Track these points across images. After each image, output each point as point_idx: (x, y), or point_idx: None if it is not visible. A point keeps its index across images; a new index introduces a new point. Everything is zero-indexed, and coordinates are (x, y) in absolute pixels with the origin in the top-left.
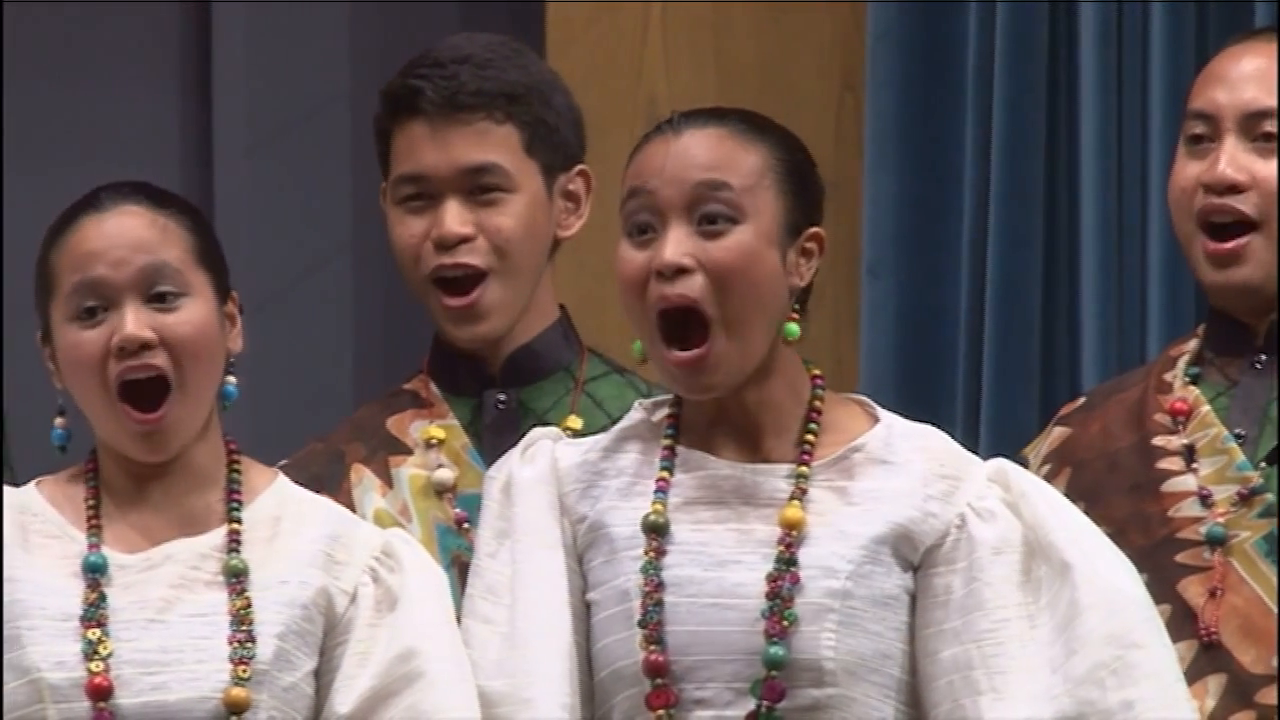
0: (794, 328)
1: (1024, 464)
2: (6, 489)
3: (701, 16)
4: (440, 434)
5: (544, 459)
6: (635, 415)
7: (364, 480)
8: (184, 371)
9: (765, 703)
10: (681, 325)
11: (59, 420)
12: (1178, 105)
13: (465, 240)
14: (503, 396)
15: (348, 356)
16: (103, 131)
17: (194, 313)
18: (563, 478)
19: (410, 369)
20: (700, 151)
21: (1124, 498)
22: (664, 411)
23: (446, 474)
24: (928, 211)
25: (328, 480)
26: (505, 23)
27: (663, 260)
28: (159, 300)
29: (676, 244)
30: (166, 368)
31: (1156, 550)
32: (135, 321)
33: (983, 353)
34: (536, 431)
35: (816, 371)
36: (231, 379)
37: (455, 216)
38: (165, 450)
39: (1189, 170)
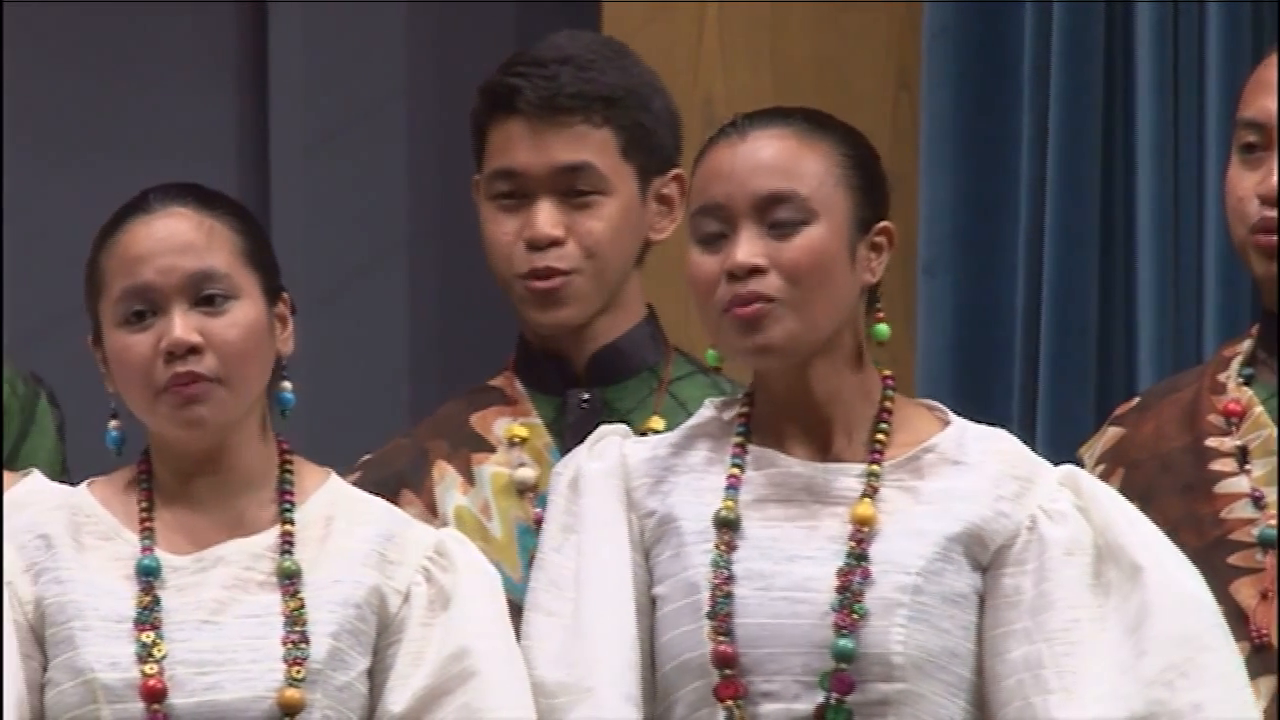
0: (884, 329)
1: (1079, 464)
2: (60, 487)
3: (758, 16)
4: (523, 432)
5: (612, 454)
6: (706, 413)
7: (446, 477)
8: (230, 371)
9: (834, 695)
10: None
11: (114, 422)
12: (1234, 104)
13: (556, 243)
14: (586, 395)
15: (403, 356)
16: (160, 132)
17: (241, 315)
18: (631, 472)
19: (466, 365)
20: (766, 157)
21: (1177, 499)
22: (735, 410)
23: (528, 473)
24: (984, 210)
25: (411, 476)
26: (561, 22)
27: (735, 261)
28: (207, 303)
29: (748, 245)
30: (213, 372)
31: (1209, 552)
32: (183, 326)
33: (1039, 351)
34: (605, 428)
35: (888, 373)
36: (287, 385)
37: (547, 218)
38: (203, 434)
39: (1244, 181)
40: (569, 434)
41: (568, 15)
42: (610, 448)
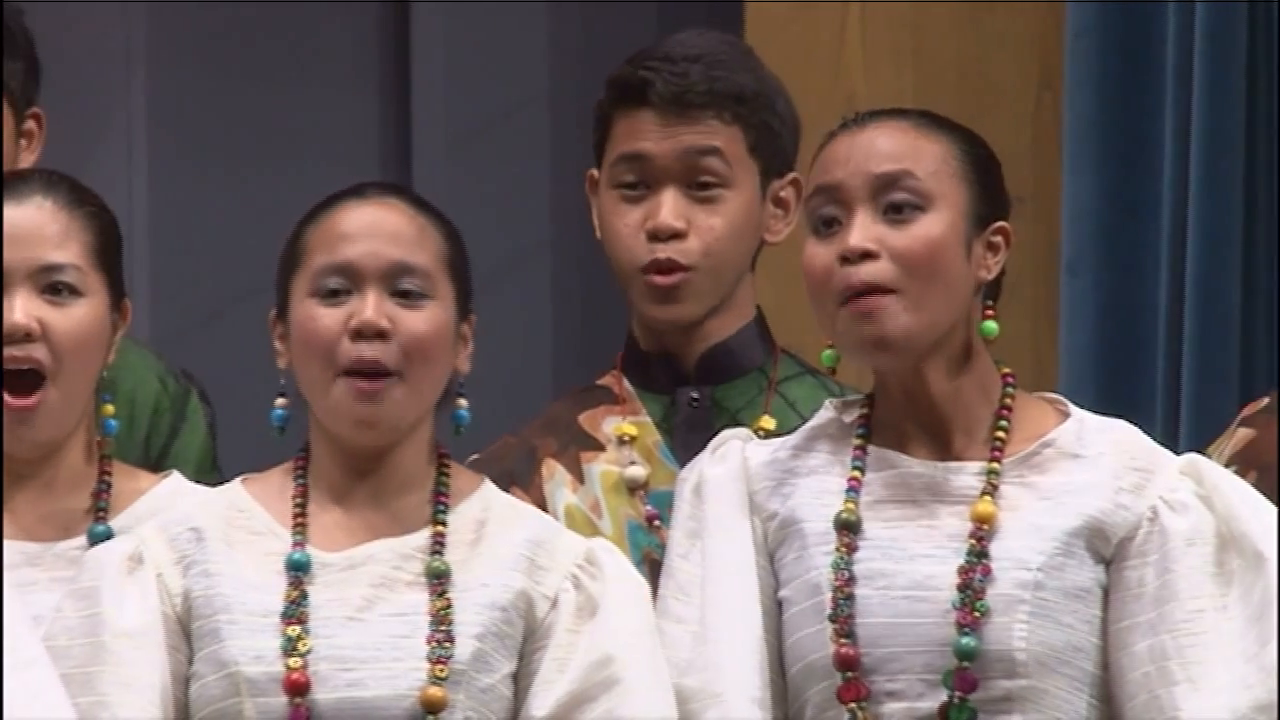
0: (992, 325)
1: None
2: (194, 486)
3: (900, 15)
4: (633, 430)
5: (734, 458)
6: (825, 414)
7: (555, 475)
8: (412, 366)
9: (957, 694)
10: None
11: (280, 400)
12: None
13: (677, 236)
14: (696, 394)
15: (546, 354)
16: (304, 131)
17: (433, 315)
18: (753, 476)
19: (608, 365)
20: (884, 142)
21: None
22: (855, 412)
23: (639, 471)
24: (1127, 209)
25: (519, 474)
26: (703, 21)
27: (848, 246)
28: (403, 296)
29: (862, 229)
30: (394, 363)
31: None
32: (376, 309)
33: (1182, 350)
34: (727, 432)
35: (1007, 370)
36: (463, 402)
37: (671, 209)
38: (378, 428)
39: None
40: (678, 432)
41: (710, 15)
42: (732, 452)
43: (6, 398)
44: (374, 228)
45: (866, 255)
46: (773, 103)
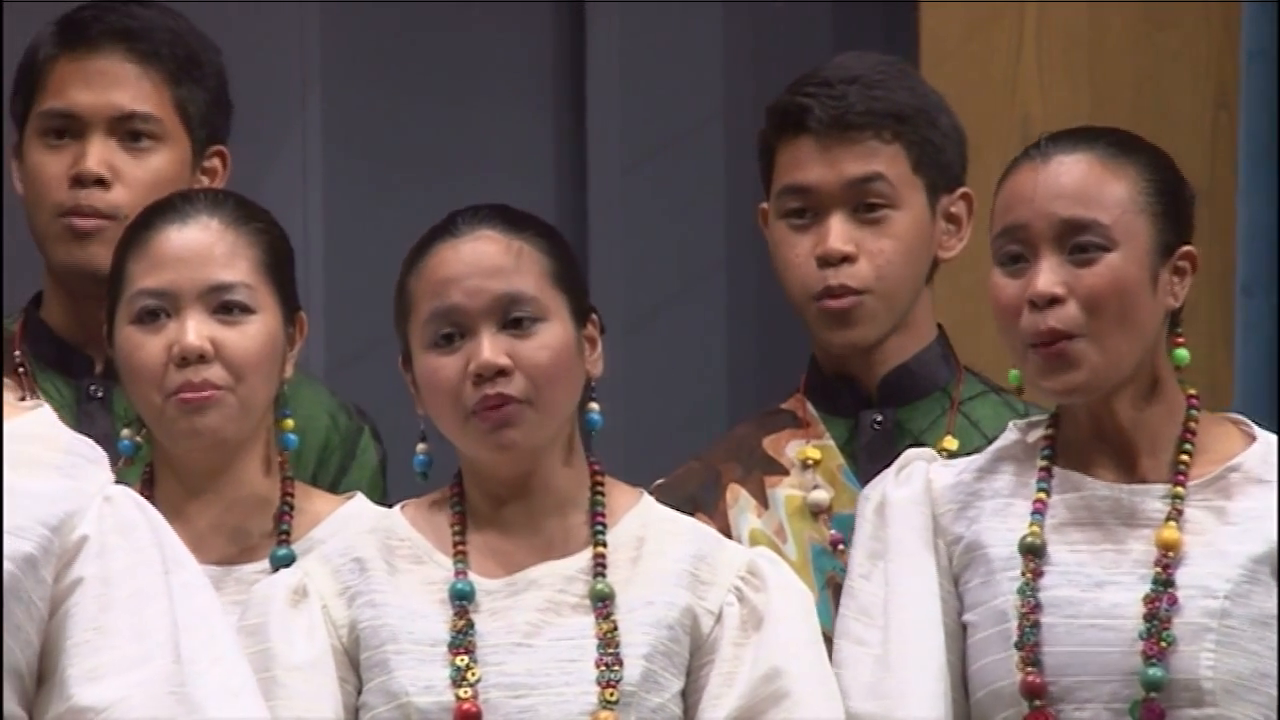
0: (1184, 354)
1: None
2: (376, 509)
3: (1076, 34)
4: (816, 454)
5: (918, 479)
6: (1010, 435)
7: (740, 500)
8: (539, 393)
9: None
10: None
11: (421, 446)
12: None
13: (848, 259)
14: (879, 417)
15: (722, 374)
16: (480, 150)
17: (550, 337)
18: (937, 498)
19: (784, 387)
20: (1069, 182)
21: None
22: (1040, 432)
23: (822, 495)
24: None
25: (703, 500)
26: (879, 41)
27: (1036, 290)
28: (515, 326)
29: (1049, 273)
30: (523, 394)
31: None
32: (491, 349)
33: None
34: (911, 452)
35: (1192, 391)
36: (595, 406)
37: (839, 234)
38: (515, 457)
39: None
40: (862, 455)
41: (886, 34)
42: (916, 473)
43: (183, 394)
44: (472, 266)
45: (1054, 300)
46: (934, 118)
